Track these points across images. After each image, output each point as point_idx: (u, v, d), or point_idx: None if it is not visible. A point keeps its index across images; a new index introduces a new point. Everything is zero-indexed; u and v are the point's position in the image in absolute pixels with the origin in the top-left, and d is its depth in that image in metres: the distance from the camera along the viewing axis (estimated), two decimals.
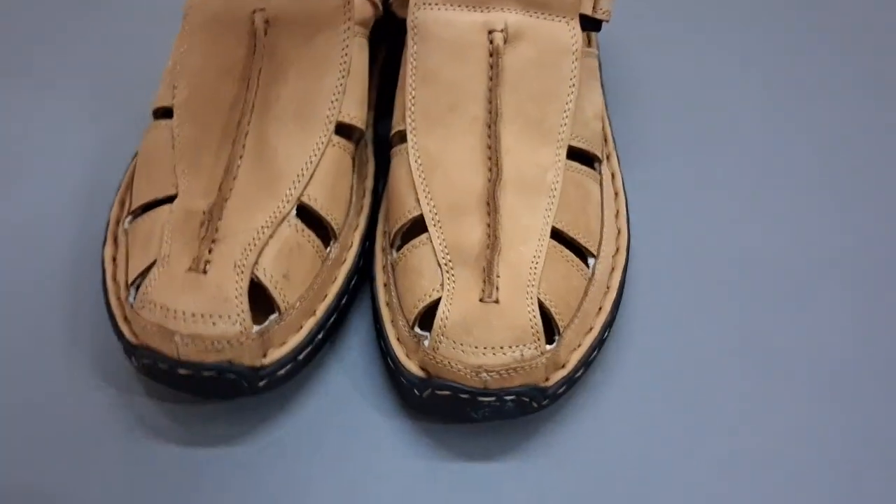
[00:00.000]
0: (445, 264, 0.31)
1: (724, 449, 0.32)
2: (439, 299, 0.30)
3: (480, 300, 0.30)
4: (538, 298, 0.30)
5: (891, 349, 0.34)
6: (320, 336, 0.32)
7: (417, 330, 0.31)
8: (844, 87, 0.44)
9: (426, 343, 0.30)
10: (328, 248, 0.33)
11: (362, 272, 0.35)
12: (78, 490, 0.30)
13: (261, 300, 0.31)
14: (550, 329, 0.31)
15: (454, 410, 0.31)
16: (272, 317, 0.31)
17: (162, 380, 0.31)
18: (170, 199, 0.33)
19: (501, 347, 0.29)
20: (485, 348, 0.29)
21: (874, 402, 0.33)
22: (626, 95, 0.42)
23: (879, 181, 0.40)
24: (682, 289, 0.36)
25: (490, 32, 0.34)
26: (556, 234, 0.32)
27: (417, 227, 0.33)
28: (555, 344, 0.31)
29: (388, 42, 0.40)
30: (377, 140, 0.38)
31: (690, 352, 0.34)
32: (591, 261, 0.33)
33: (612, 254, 0.34)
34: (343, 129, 0.34)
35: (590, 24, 0.35)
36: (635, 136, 0.41)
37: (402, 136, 0.34)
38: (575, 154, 0.35)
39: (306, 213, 0.33)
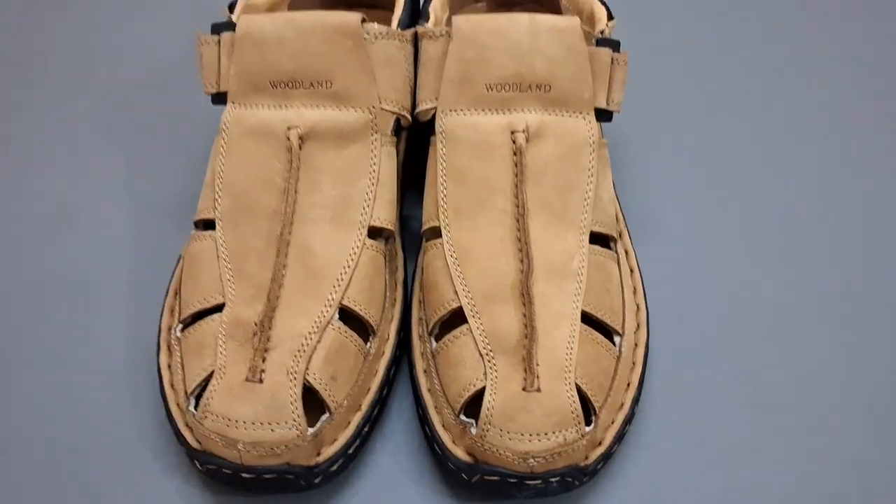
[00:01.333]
0: (486, 353, 0.33)
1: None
2: (483, 388, 0.32)
3: (523, 389, 0.32)
4: (577, 381, 0.33)
5: None
6: (366, 428, 0.34)
7: (463, 417, 0.33)
8: (838, 146, 0.47)
9: (473, 430, 0.32)
10: (368, 344, 0.35)
11: (399, 359, 0.37)
12: None
13: (308, 399, 0.33)
14: (586, 409, 0.33)
15: (500, 492, 0.33)
16: (324, 417, 0.33)
17: (225, 482, 0.33)
18: (218, 308, 0.35)
19: (546, 433, 0.31)
20: (531, 435, 0.31)
21: None
22: (628, 170, 0.45)
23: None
24: (697, 351, 0.38)
25: (513, 133, 0.36)
26: (585, 317, 0.35)
27: (455, 316, 0.35)
28: (592, 425, 0.33)
29: (407, 139, 0.42)
30: (402, 228, 0.41)
31: (712, 417, 0.36)
32: (616, 339, 0.36)
33: (634, 330, 0.37)
34: (374, 231, 0.37)
35: (603, 116, 0.38)
36: (642, 210, 0.43)
37: (434, 231, 0.36)
38: (594, 237, 0.37)
39: (345, 312, 0.35)
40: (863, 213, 0.44)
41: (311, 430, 0.32)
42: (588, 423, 0.33)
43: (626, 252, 0.39)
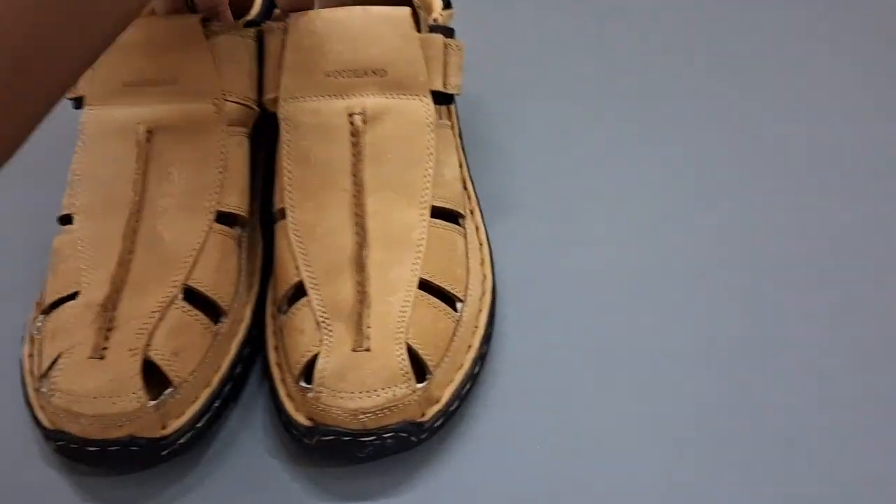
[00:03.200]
0: (323, 321, 0.35)
1: (598, 465, 0.35)
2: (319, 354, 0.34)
3: (353, 350, 0.33)
4: (407, 343, 0.34)
5: (739, 347, 0.39)
6: (217, 404, 0.36)
7: (302, 383, 0.34)
8: (694, 116, 0.49)
9: (310, 395, 0.34)
10: (218, 324, 0.37)
11: (255, 339, 0.38)
12: None
13: (164, 378, 0.34)
14: (423, 369, 0.34)
15: (342, 453, 0.34)
16: (167, 391, 0.34)
17: (76, 458, 0.34)
18: (75, 296, 0.36)
19: (375, 390, 0.33)
20: (360, 392, 0.33)
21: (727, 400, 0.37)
22: (487, 156, 0.47)
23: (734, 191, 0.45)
24: (548, 319, 0.40)
25: (350, 115, 0.38)
26: (426, 284, 0.36)
27: (300, 291, 0.36)
28: (426, 382, 0.34)
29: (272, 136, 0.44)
30: (268, 221, 0.42)
31: (560, 377, 0.38)
32: (459, 305, 0.37)
33: (479, 297, 0.38)
34: (226, 217, 0.38)
35: (442, 99, 0.40)
36: (498, 190, 0.45)
37: (282, 213, 0.38)
38: (440, 212, 0.39)
39: (198, 295, 0.36)
40: (715, 195, 0.45)
41: (152, 403, 0.33)
42: (423, 380, 0.34)
43: (477, 228, 0.41)
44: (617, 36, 0.54)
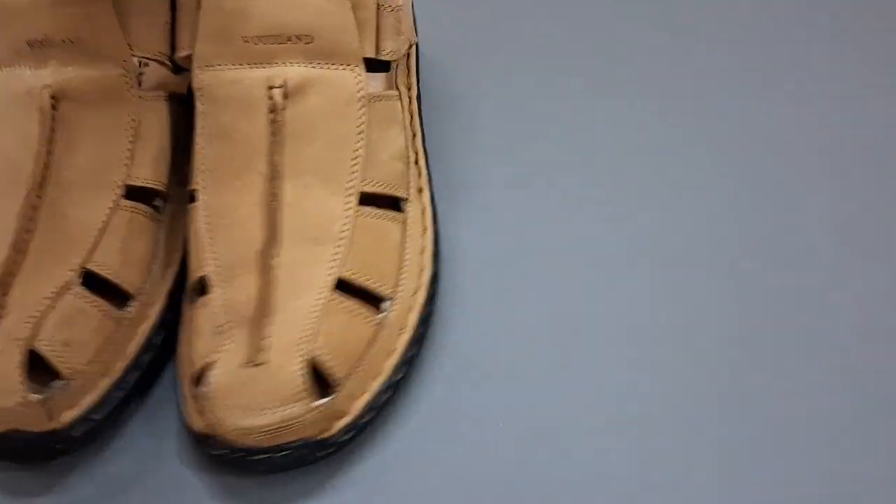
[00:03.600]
0: (223, 326, 0.32)
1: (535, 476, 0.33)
2: (215, 362, 0.31)
3: (248, 363, 0.31)
4: (313, 355, 0.31)
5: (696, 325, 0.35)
6: (119, 393, 0.34)
7: (201, 388, 0.32)
8: (649, 92, 0.43)
9: (204, 403, 0.31)
10: (126, 309, 0.34)
11: (172, 323, 0.36)
12: None
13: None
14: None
15: (241, 465, 0.32)
16: (56, 383, 0.32)
17: None
18: None
19: (268, 408, 0.30)
20: (252, 410, 0.30)
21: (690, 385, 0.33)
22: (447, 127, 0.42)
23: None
24: (507, 308, 0.37)
25: (269, 89, 0.34)
26: (345, 283, 0.33)
27: (206, 287, 0.33)
28: (329, 398, 0.31)
29: None
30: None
31: (514, 376, 0.35)
32: (385, 304, 0.34)
33: (412, 293, 0.35)
34: (140, 192, 0.35)
35: (378, 67, 0.35)
36: (456, 165, 0.41)
37: (194, 195, 0.35)
38: (373, 198, 0.35)
39: (101, 279, 0.34)
40: (691, 171, 0.41)
41: (37, 397, 0.31)
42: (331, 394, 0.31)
43: (423, 210, 0.37)
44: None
